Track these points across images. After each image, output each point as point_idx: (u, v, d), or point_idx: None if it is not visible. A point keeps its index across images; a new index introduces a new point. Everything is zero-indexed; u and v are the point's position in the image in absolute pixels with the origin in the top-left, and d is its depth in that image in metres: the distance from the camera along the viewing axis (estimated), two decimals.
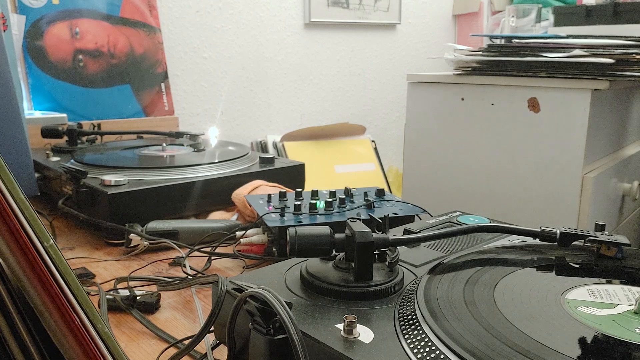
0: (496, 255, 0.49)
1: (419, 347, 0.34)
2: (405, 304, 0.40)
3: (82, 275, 0.64)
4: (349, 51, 2.03)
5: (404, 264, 0.49)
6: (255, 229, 0.69)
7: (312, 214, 0.68)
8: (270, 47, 1.84)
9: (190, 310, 0.57)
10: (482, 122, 1.13)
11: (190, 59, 1.67)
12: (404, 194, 1.33)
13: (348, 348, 0.35)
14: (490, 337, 0.34)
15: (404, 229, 0.58)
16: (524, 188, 1.09)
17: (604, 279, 0.44)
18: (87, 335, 0.26)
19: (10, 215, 0.25)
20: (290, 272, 0.48)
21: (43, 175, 0.91)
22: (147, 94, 1.50)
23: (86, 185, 0.77)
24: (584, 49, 1.00)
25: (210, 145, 1.07)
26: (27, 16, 1.30)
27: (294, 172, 0.95)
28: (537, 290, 0.41)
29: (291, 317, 0.34)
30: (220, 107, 1.76)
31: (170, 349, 0.49)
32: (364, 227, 0.44)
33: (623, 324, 0.36)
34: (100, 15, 1.41)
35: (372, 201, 0.72)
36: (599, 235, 0.48)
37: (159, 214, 0.77)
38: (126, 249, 0.72)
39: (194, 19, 1.65)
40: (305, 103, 1.96)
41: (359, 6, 1.99)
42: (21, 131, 0.75)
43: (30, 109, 1.29)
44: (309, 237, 0.43)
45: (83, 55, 1.38)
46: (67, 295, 0.26)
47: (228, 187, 0.84)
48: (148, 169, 0.85)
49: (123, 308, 0.56)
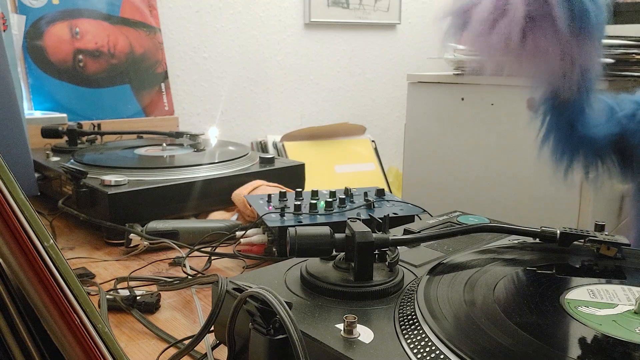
0: (496, 255, 0.49)
1: (419, 347, 0.34)
2: (405, 304, 0.40)
3: (82, 275, 0.64)
4: (349, 51, 2.03)
5: (404, 264, 0.49)
6: (255, 229, 0.69)
7: (312, 214, 0.68)
8: (270, 47, 1.84)
9: (190, 310, 0.57)
10: (482, 122, 1.13)
11: (190, 59, 1.67)
12: (404, 194, 1.33)
13: (348, 348, 0.35)
14: (490, 337, 0.34)
15: (404, 229, 0.58)
16: (524, 188, 1.09)
17: (604, 279, 0.44)
18: (87, 335, 0.26)
19: (10, 215, 0.25)
20: (290, 272, 0.48)
21: (43, 175, 0.91)
22: (147, 94, 1.50)
23: (86, 185, 0.77)
24: None
25: (210, 145, 1.07)
26: (27, 16, 1.30)
27: (294, 172, 0.95)
28: (537, 290, 0.41)
29: (291, 317, 0.34)
30: (220, 107, 1.76)
31: (170, 349, 0.49)
32: (364, 227, 0.44)
33: (623, 324, 0.36)
34: (100, 15, 1.41)
35: (372, 201, 0.72)
36: (599, 235, 0.48)
37: (159, 214, 0.77)
38: (126, 249, 0.72)
39: (194, 19, 1.65)
40: (305, 103, 1.96)
41: (359, 6, 1.99)
42: (21, 131, 0.75)
43: (30, 109, 1.29)
44: (309, 237, 0.43)
45: (83, 55, 1.38)
46: (67, 295, 0.26)
47: (228, 187, 0.84)
48: (148, 169, 0.85)
49: (123, 308, 0.56)
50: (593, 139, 0.67)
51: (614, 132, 0.67)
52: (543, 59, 0.60)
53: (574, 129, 0.67)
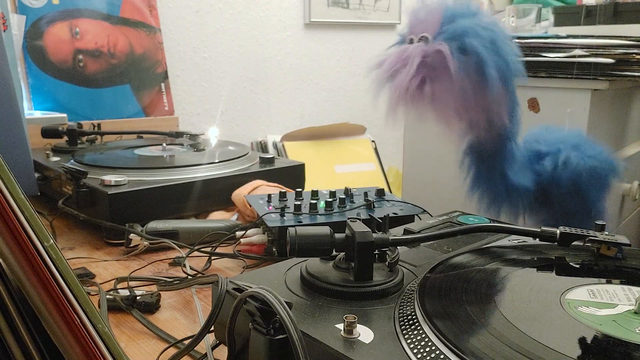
0: (496, 255, 0.49)
1: (419, 347, 0.34)
2: (405, 304, 0.40)
3: (82, 275, 0.64)
4: (349, 51, 2.03)
5: (404, 264, 0.49)
6: (255, 229, 0.69)
7: (312, 214, 0.68)
8: (270, 47, 1.84)
9: (190, 310, 0.57)
10: None
11: (190, 59, 1.67)
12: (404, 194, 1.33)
13: (348, 348, 0.35)
14: (490, 337, 0.34)
15: (404, 229, 0.58)
16: None
17: (604, 279, 0.44)
18: (87, 335, 0.26)
19: (10, 215, 0.25)
20: (290, 272, 0.48)
21: (43, 175, 0.91)
22: (147, 94, 1.50)
23: (86, 185, 0.77)
24: (584, 49, 1.00)
25: (210, 145, 1.07)
26: (27, 16, 1.30)
27: (294, 172, 0.95)
28: (537, 290, 0.41)
29: (291, 317, 0.34)
30: (220, 107, 1.76)
31: (170, 349, 0.49)
32: (364, 227, 0.44)
33: (623, 324, 0.36)
34: (100, 15, 1.41)
35: (372, 201, 0.72)
36: (599, 235, 0.48)
37: (159, 214, 0.77)
38: (126, 249, 0.72)
39: (194, 19, 1.65)
40: (305, 103, 1.96)
41: (359, 6, 1.99)
42: (21, 131, 0.75)
43: (30, 109, 1.29)
44: (309, 237, 0.43)
45: (83, 55, 1.38)
46: (67, 295, 0.26)
47: (228, 187, 0.84)
48: (148, 169, 0.85)
49: (123, 308, 0.56)
50: (517, 187, 0.69)
51: (537, 180, 0.69)
52: (441, 107, 0.63)
53: (499, 178, 0.69)
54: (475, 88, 0.62)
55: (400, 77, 0.62)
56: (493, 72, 0.61)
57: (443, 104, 0.63)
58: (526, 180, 0.69)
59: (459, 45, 0.61)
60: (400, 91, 0.62)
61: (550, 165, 0.69)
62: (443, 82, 0.61)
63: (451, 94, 0.61)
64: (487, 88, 0.61)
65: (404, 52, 0.63)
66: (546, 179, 0.70)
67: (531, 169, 0.70)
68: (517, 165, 0.69)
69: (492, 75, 0.61)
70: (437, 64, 0.61)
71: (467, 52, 0.61)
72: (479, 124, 0.66)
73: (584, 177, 0.68)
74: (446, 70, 0.61)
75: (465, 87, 0.61)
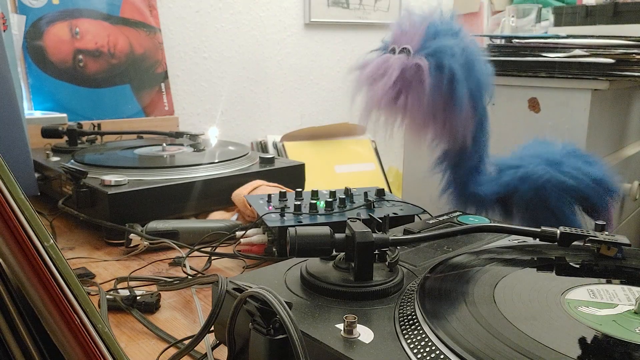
0: (496, 255, 0.49)
1: (419, 347, 0.34)
2: (405, 304, 0.40)
3: (82, 275, 0.64)
4: (349, 51, 2.03)
5: (404, 264, 0.49)
6: (255, 229, 0.69)
7: (312, 214, 0.68)
8: (270, 47, 1.84)
9: (190, 310, 0.57)
10: None
11: (190, 59, 1.67)
12: (404, 194, 1.33)
13: (348, 348, 0.35)
14: (490, 337, 0.34)
15: (404, 229, 0.58)
16: None
17: (604, 279, 0.44)
18: (87, 335, 0.26)
19: (10, 215, 0.25)
20: (290, 272, 0.48)
21: (43, 175, 0.91)
22: (147, 94, 1.50)
23: (86, 185, 0.77)
24: (584, 49, 1.00)
25: (210, 145, 1.07)
26: (27, 16, 1.30)
27: (294, 172, 0.95)
28: (537, 290, 0.41)
29: (291, 317, 0.34)
30: (220, 107, 1.76)
31: (170, 349, 0.49)
32: (364, 227, 0.44)
33: (623, 324, 0.36)
34: (100, 15, 1.41)
35: (372, 201, 0.72)
36: (599, 236, 0.48)
37: (159, 214, 0.77)
38: (126, 249, 0.72)
39: (194, 19, 1.65)
40: (305, 103, 1.96)
41: (359, 6, 1.99)
42: (21, 131, 0.75)
43: (30, 109, 1.29)
44: (309, 237, 0.43)
45: (83, 55, 1.38)
46: (67, 295, 0.26)
47: (228, 187, 0.84)
48: (148, 169, 0.85)
49: (123, 308, 0.56)
50: (481, 196, 0.73)
51: (499, 191, 0.73)
52: (412, 118, 0.67)
53: (466, 186, 0.74)
54: (446, 105, 0.66)
55: (378, 86, 0.66)
56: (464, 93, 0.65)
57: (414, 116, 0.67)
58: (488, 190, 0.73)
59: (436, 62, 0.65)
60: (376, 99, 0.66)
61: (508, 178, 0.73)
62: (416, 95, 0.65)
63: (422, 108, 0.66)
64: (455, 107, 0.66)
65: (385, 62, 0.67)
66: (505, 190, 0.73)
67: (497, 182, 0.74)
68: (481, 177, 0.73)
69: (462, 95, 0.65)
70: (413, 77, 0.65)
71: (443, 69, 0.64)
72: (444, 138, 0.71)
73: (549, 191, 0.70)
74: (421, 85, 0.64)
75: (436, 102, 0.65)
